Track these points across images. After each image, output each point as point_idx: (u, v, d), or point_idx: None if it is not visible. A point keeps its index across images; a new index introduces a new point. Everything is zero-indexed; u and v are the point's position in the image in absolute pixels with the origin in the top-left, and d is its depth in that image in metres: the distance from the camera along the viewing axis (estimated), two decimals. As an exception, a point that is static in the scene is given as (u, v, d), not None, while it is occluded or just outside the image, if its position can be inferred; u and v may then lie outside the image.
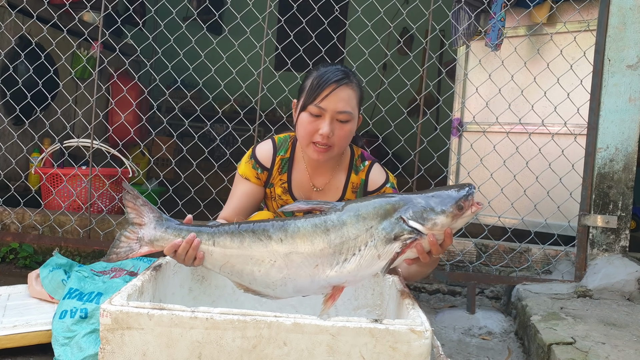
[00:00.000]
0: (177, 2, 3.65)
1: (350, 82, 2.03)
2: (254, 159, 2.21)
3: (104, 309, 1.46)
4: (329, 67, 2.05)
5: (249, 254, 1.65)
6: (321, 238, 1.61)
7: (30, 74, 3.51)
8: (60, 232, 3.17)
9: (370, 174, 2.21)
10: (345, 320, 1.45)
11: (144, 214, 1.75)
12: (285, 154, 2.22)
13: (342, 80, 2.00)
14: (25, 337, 2.07)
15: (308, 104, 2.01)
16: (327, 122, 2.00)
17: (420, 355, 1.43)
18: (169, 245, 1.69)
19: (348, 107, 2.02)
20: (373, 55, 3.36)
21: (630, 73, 2.79)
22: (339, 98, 1.99)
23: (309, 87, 2.02)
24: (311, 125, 2.01)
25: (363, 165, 2.22)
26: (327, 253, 1.61)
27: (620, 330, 2.19)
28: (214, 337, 1.44)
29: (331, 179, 2.21)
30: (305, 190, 2.23)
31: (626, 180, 2.82)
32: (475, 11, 3.57)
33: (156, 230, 1.73)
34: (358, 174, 2.21)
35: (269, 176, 2.22)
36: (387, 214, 1.61)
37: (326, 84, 1.98)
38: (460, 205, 1.60)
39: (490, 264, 3.05)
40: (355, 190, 2.21)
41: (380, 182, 2.20)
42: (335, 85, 1.99)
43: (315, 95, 1.99)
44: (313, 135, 2.02)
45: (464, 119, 3.93)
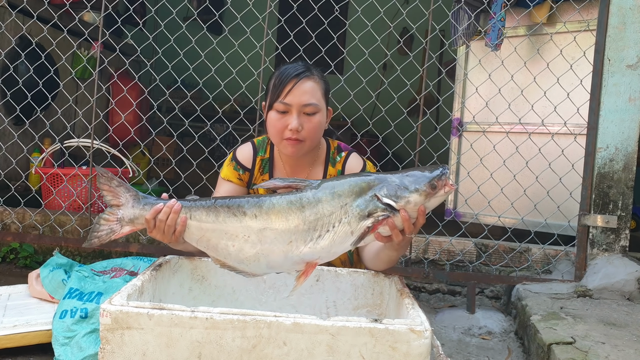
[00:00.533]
0: (177, 2, 3.65)
1: (312, 75, 2.05)
2: (235, 160, 2.24)
3: (104, 308, 1.46)
4: (289, 64, 2.08)
5: (224, 228, 1.68)
6: (296, 215, 1.64)
7: (31, 74, 3.51)
8: (60, 232, 3.17)
9: (347, 164, 2.22)
10: (345, 320, 1.45)
11: (120, 194, 1.76)
12: (264, 154, 2.25)
13: (302, 74, 2.03)
14: (26, 337, 2.08)
15: (273, 102, 2.03)
16: (294, 117, 2.02)
17: (420, 355, 1.43)
18: (151, 210, 1.71)
19: (313, 99, 2.03)
20: (373, 55, 3.36)
21: (630, 73, 2.79)
22: (302, 91, 2.02)
23: (272, 86, 2.04)
24: (280, 122, 2.03)
25: (340, 156, 2.23)
26: (302, 229, 1.64)
27: (620, 330, 2.19)
28: (213, 337, 1.44)
29: (309, 174, 2.22)
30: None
31: (626, 180, 2.82)
32: (475, 11, 3.57)
33: (134, 209, 1.75)
34: (335, 165, 2.22)
35: (251, 176, 2.24)
36: (362, 191, 1.64)
37: (287, 79, 2.01)
38: (434, 185, 1.63)
39: (490, 263, 3.05)
40: None
41: (357, 170, 2.20)
42: (296, 80, 2.01)
43: (279, 92, 2.01)
44: (283, 131, 2.04)
45: (464, 118, 3.93)
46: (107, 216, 1.78)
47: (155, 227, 1.72)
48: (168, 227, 1.71)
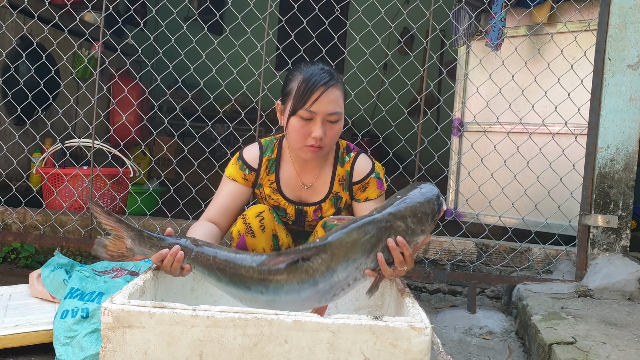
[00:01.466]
0: (178, 2, 3.65)
1: (337, 83, 2.06)
2: (242, 160, 2.23)
3: (106, 307, 1.47)
4: (312, 68, 2.06)
5: (228, 291, 1.73)
6: (309, 290, 1.67)
7: (32, 74, 3.51)
8: (61, 232, 3.18)
9: (355, 165, 2.22)
10: (345, 318, 1.46)
11: (122, 231, 1.82)
12: (271, 154, 2.24)
13: (330, 82, 2.02)
14: (27, 337, 2.07)
15: (298, 109, 2.02)
16: (319, 126, 2.02)
17: (420, 352, 1.43)
18: (156, 254, 1.76)
19: (337, 107, 2.04)
20: (374, 55, 3.37)
21: (631, 73, 2.79)
22: (328, 100, 2.01)
23: (296, 91, 2.03)
24: (303, 130, 2.03)
25: (349, 157, 2.24)
26: (315, 299, 1.68)
27: (621, 330, 2.19)
28: (215, 335, 1.45)
29: (319, 175, 2.23)
30: (294, 188, 2.25)
31: (627, 180, 2.82)
32: (475, 11, 3.57)
33: (142, 247, 1.80)
34: (344, 166, 2.23)
35: (257, 177, 2.24)
36: (373, 246, 1.67)
37: (315, 87, 2.00)
38: (435, 219, 1.71)
39: (490, 263, 3.05)
40: (341, 183, 2.23)
41: (365, 172, 2.22)
42: (324, 88, 2.00)
43: (305, 100, 2.00)
44: (306, 138, 2.04)
45: (465, 118, 3.93)
46: (115, 242, 1.83)
47: (162, 266, 1.77)
48: (173, 270, 1.76)
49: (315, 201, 2.24)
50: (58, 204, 3.50)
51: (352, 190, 2.23)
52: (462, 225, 3.26)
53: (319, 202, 2.23)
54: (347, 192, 2.23)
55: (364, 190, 2.21)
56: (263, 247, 2.15)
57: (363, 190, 2.21)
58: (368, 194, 2.21)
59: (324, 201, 2.23)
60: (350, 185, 2.22)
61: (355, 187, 2.22)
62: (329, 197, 2.23)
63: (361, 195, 2.21)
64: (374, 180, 2.21)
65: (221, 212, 2.20)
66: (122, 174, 3.57)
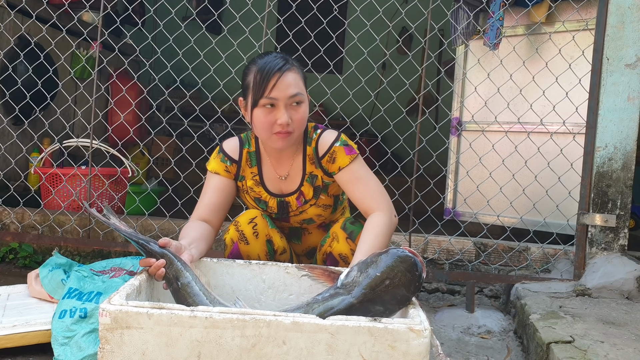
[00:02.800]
0: (176, 2, 3.65)
1: (292, 66, 2.05)
2: (222, 152, 2.23)
3: (103, 308, 1.47)
4: (266, 57, 2.05)
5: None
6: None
7: (30, 74, 3.51)
8: (59, 232, 3.17)
9: (320, 140, 2.19)
10: (344, 319, 1.46)
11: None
12: (250, 147, 2.24)
13: (284, 67, 2.01)
14: (25, 337, 2.07)
15: (259, 98, 2.01)
16: (283, 111, 2.01)
17: (419, 354, 1.43)
18: (143, 260, 1.82)
19: (297, 89, 2.03)
20: (372, 55, 3.37)
21: (629, 72, 2.79)
22: (286, 84, 2.01)
23: (253, 82, 2.02)
24: (268, 118, 2.02)
25: (315, 134, 2.21)
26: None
27: (619, 328, 2.19)
28: (213, 336, 1.45)
29: (293, 163, 2.22)
30: (273, 181, 2.24)
31: (625, 179, 2.82)
32: (474, 10, 3.57)
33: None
34: (311, 144, 2.20)
35: (239, 168, 2.23)
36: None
37: (270, 73, 1.99)
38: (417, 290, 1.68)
39: (489, 262, 3.05)
40: (312, 162, 2.20)
41: (329, 142, 2.17)
42: (280, 73, 2.00)
43: (264, 88, 1.99)
44: (272, 126, 2.03)
45: (463, 118, 3.93)
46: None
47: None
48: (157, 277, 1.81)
49: (294, 190, 2.22)
50: (56, 204, 3.49)
51: (322, 166, 2.18)
52: (461, 224, 3.26)
53: (298, 188, 2.22)
54: (319, 169, 2.19)
55: (334, 161, 2.15)
56: (257, 253, 2.14)
57: (333, 162, 2.15)
58: (339, 163, 2.14)
59: (302, 185, 2.21)
60: (319, 160, 2.18)
61: (324, 162, 2.17)
62: (304, 179, 2.20)
63: (333, 166, 2.15)
64: (340, 148, 2.15)
65: (211, 208, 2.19)
66: (120, 173, 3.57)
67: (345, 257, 2.13)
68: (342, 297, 1.63)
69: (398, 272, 1.64)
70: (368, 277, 1.64)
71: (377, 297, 1.62)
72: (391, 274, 1.63)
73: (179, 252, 1.87)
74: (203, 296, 1.72)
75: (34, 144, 3.88)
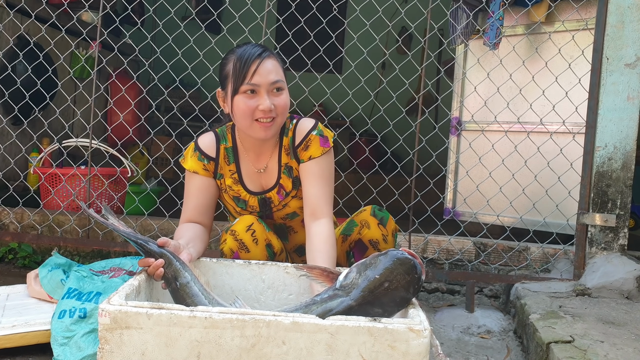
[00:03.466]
0: (175, 2, 3.65)
1: (271, 54, 2.05)
2: (199, 150, 2.17)
3: (103, 308, 1.46)
4: (243, 46, 2.05)
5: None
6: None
7: (29, 73, 3.50)
8: (59, 232, 3.17)
9: (297, 128, 2.16)
10: (344, 319, 1.45)
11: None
12: (227, 143, 2.19)
13: (264, 54, 2.01)
14: (24, 337, 2.07)
15: (239, 85, 1.99)
16: (265, 97, 1.99)
17: (419, 354, 1.43)
18: (142, 260, 1.83)
19: (278, 76, 2.03)
20: (372, 55, 3.37)
21: (628, 72, 2.79)
22: (267, 70, 2.00)
23: (233, 70, 2.01)
24: (249, 105, 1.99)
25: (292, 124, 2.18)
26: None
27: (618, 328, 2.19)
28: (212, 337, 1.44)
29: (271, 155, 2.18)
30: (251, 175, 2.19)
31: (625, 179, 2.82)
32: (473, 10, 3.57)
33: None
34: (287, 134, 2.17)
35: (216, 166, 2.18)
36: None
37: (250, 60, 1.98)
38: (417, 294, 1.68)
39: (489, 262, 3.05)
40: (288, 152, 2.16)
41: (306, 130, 2.14)
42: (259, 59, 1.99)
43: (245, 74, 1.98)
44: (254, 112, 2.00)
45: (463, 118, 3.93)
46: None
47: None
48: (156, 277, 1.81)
49: (273, 185, 2.19)
50: (56, 204, 3.49)
51: (297, 155, 2.15)
52: (461, 224, 3.25)
53: (277, 182, 2.18)
54: (294, 160, 2.16)
55: (307, 149, 2.12)
56: (259, 259, 2.12)
57: (306, 149, 2.12)
58: (311, 152, 2.11)
59: (280, 177, 2.17)
60: (294, 150, 2.15)
61: (299, 150, 2.14)
62: (281, 171, 2.17)
63: (304, 154, 2.12)
64: (316, 137, 2.12)
65: (199, 210, 2.17)
66: (119, 173, 3.56)
67: (377, 242, 2.14)
68: (341, 298, 1.62)
69: (397, 275, 1.63)
70: (367, 279, 1.63)
71: (376, 300, 1.61)
72: (390, 276, 1.62)
73: (178, 252, 1.86)
74: (202, 296, 1.71)
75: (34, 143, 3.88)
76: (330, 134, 2.17)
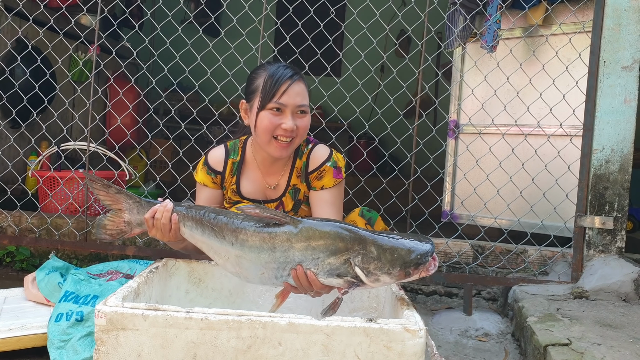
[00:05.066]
0: (173, 5, 3.65)
1: (301, 77, 2.12)
2: (207, 165, 2.28)
3: (99, 310, 1.46)
4: (275, 64, 2.12)
5: (209, 243, 1.79)
6: (266, 253, 1.68)
7: (27, 77, 3.51)
8: (57, 235, 3.17)
9: (312, 154, 2.24)
10: (339, 320, 1.46)
11: (121, 201, 1.92)
12: (236, 157, 2.28)
13: (295, 76, 2.09)
14: (21, 341, 2.07)
15: (267, 102, 2.06)
16: (289, 117, 2.06)
17: (414, 354, 1.43)
18: (149, 210, 1.86)
19: (305, 100, 2.11)
20: (370, 58, 3.37)
21: (625, 74, 2.79)
22: (295, 92, 2.07)
23: (263, 87, 2.07)
24: (273, 121, 2.06)
25: (307, 148, 2.26)
26: (272, 267, 1.68)
27: (616, 331, 2.19)
28: (208, 338, 1.44)
29: (283, 174, 2.26)
30: (259, 188, 2.27)
31: (622, 182, 2.82)
32: (470, 13, 3.58)
33: (140, 214, 1.90)
34: (302, 157, 2.25)
35: (222, 179, 2.28)
36: (338, 251, 1.62)
37: (282, 80, 2.05)
38: (408, 272, 1.61)
39: (486, 265, 3.05)
40: (299, 175, 2.25)
41: (322, 159, 2.22)
42: (291, 81, 2.06)
43: (274, 92, 2.05)
44: (275, 129, 2.07)
45: (460, 120, 3.93)
46: (113, 218, 1.93)
47: (154, 226, 1.86)
48: (163, 225, 1.83)
49: (276, 197, 2.27)
50: (53, 207, 3.49)
51: (308, 180, 2.24)
52: (458, 227, 3.25)
53: (279, 198, 2.26)
54: (304, 184, 2.25)
55: (320, 178, 2.21)
56: None
57: (319, 179, 2.21)
58: (324, 182, 2.21)
59: (284, 195, 2.26)
60: (306, 175, 2.24)
61: (311, 177, 2.23)
62: (287, 191, 2.25)
63: (317, 183, 2.22)
64: (330, 169, 2.21)
65: None
66: (117, 176, 3.56)
67: None
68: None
69: (409, 240, 1.65)
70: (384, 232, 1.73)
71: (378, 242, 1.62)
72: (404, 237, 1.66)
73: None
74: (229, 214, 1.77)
75: (32, 147, 3.88)
76: (343, 162, 2.25)
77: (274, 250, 1.66)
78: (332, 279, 1.63)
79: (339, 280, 1.62)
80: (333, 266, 1.62)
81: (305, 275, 1.63)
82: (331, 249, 1.62)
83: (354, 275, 1.61)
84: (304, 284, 1.65)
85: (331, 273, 1.62)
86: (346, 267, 1.61)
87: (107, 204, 1.92)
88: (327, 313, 1.58)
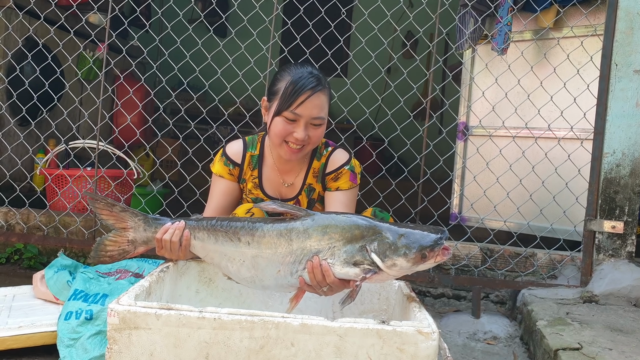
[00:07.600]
0: (183, 4, 3.65)
1: (324, 88, 2.09)
2: (225, 156, 2.28)
3: (112, 308, 1.46)
4: (301, 70, 2.09)
5: (222, 250, 1.78)
6: (284, 246, 1.69)
7: (37, 75, 3.51)
8: (65, 233, 3.17)
9: (331, 157, 2.26)
10: (352, 322, 1.45)
11: (126, 219, 1.89)
12: (254, 151, 2.29)
13: (317, 87, 2.05)
14: (31, 338, 2.07)
15: (283, 110, 2.05)
16: (302, 128, 2.06)
17: (427, 357, 1.42)
18: (160, 229, 1.84)
19: (322, 112, 2.09)
20: (378, 59, 3.36)
21: (637, 78, 2.78)
22: (313, 105, 2.05)
23: (283, 92, 2.06)
24: (285, 129, 2.07)
25: (326, 151, 2.28)
26: (288, 261, 1.69)
27: (627, 336, 2.18)
28: (221, 338, 1.44)
29: (299, 173, 2.28)
30: (275, 185, 2.29)
31: (633, 186, 2.81)
32: (481, 15, 3.57)
33: (147, 232, 1.88)
34: (320, 159, 2.27)
35: (241, 171, 2.28)
36: (354, 238, 1.65)
37: (302, 90, 2.03)
38: (424, 254, 1.63)
39: (495, 268, 3.04)
40: (315, 175, 2.27)
41: (340, 162, 2.24)
42: (311, 92, 2.04)
43: (291, 102, 2.03)
44: (287, 136, 2.08)
45: (470, 122, 3.92)
46: (115, 238, 1.91)
47: (163, 247, 1.85)
48: (173, 244, 1.83)
49: (292, 196, 2.29)
50: (62, 205, 3.49)
51: (324, 181, 2.26)
52: (467, 229, 3.24)
53: (296, 197, 2.28)
54: (319, 184, 2.27)
55: (336, 180, 2.24)
56: None
57: (335, 180, 2.24)
58: (339, 184, 2.23)
59: (300, 194, 2.28)
60: (323, 176, 2.26)
61: (328, 178, 2.25)
62: (303, 189, 2.27)
63: (332, 184, 2.24)
64: (347, 172, 2.23)
65: (219, 211, 2.26)
66: (126, 175, 3.56)
67: None
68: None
69: (423, 229, 1.69)
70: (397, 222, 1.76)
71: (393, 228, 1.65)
72: (417, 228, 1.69)
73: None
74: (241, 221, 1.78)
75: (40, 145, 3.88)
76: (359, 169, 2.28)
77: (291, 243, 1.67)
78: (349, 269, 1.64)
79: (355, 269, 1.63)
80: (349, 254, 1.64)
81: (320, 267, 1.64)
82: (347, 236, 1.65)
83: (370, 262, 1.62)
84: (318, 277, 1.65)
85: (348, 261, 1.64)
86: (363, 253, 1.63)
87: (110, 223, 1.89)
88: (345, 302, 1.63)
